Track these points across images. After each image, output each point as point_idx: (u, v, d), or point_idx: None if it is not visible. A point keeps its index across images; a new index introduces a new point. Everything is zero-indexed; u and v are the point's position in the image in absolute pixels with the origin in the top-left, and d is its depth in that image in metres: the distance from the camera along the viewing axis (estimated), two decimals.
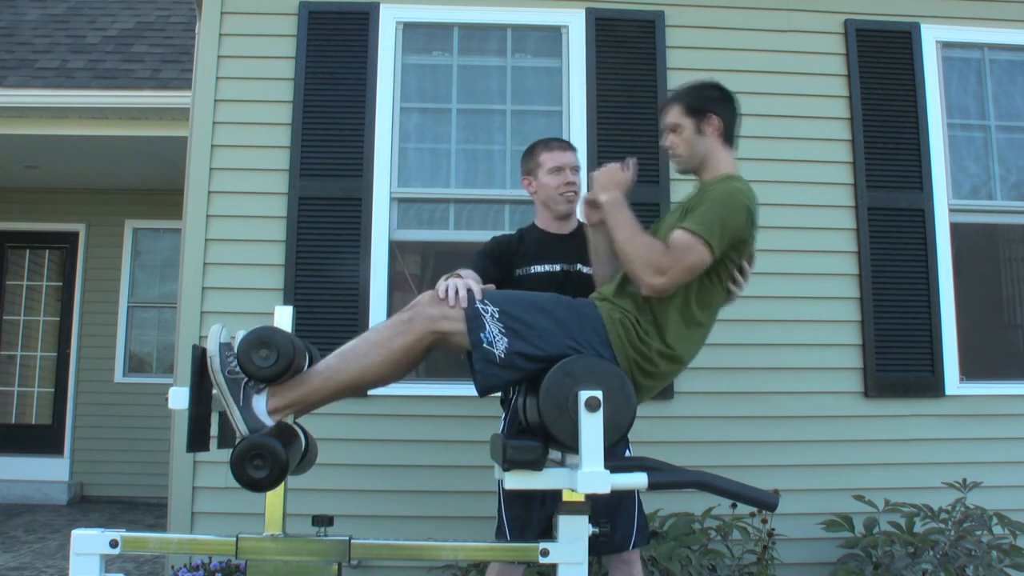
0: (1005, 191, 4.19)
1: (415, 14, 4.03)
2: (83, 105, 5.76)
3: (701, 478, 2.03)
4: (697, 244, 2.13)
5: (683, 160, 2.40)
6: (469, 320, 2.03)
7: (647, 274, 2.12)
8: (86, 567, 1.93)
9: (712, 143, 2.35)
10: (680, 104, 2.38)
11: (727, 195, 2.21)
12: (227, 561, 3.39)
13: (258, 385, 1.98)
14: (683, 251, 2.13)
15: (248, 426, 1.95)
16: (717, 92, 2.41)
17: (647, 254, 2.14)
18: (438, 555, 2.16)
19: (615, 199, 2.27)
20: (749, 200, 2.23)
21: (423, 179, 3.99)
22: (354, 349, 2.06)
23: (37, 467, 6.97)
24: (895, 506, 3.52)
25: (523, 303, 2.10)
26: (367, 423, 3.71)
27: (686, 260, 2.13)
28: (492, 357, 2.02)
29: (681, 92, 2.42)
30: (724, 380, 3.84)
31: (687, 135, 2.36)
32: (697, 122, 2.35)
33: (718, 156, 2.36)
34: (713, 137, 2.35)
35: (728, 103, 2.40)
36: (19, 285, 7.43)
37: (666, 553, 3.07)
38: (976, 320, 4.08)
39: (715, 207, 2.18)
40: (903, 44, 4.14)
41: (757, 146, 4.02)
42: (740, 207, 2.20)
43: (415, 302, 2.10)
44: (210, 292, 3.77)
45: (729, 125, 2.38)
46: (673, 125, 2.38)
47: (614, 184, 2.31)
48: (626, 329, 2.12)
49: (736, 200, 2.20)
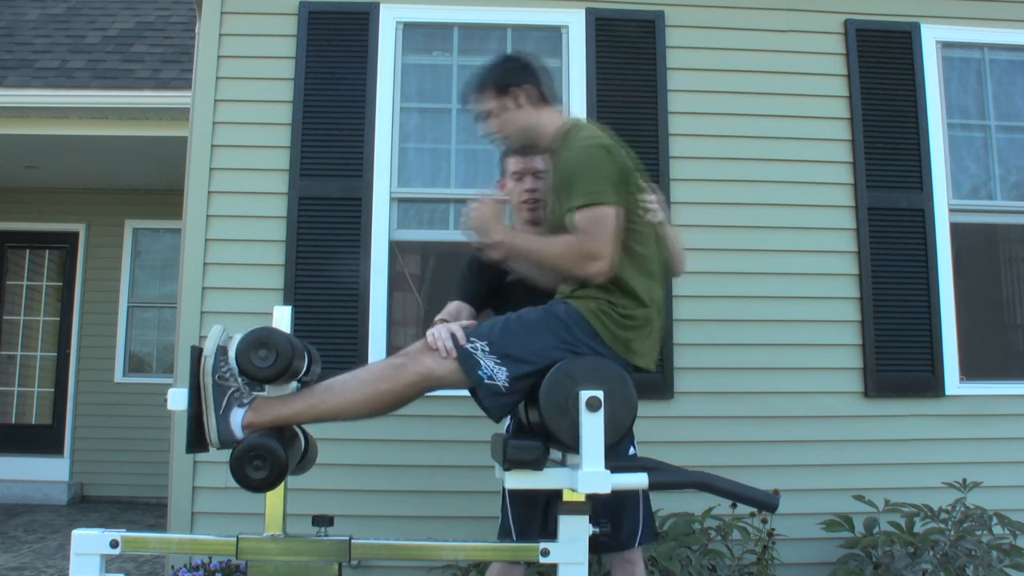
0: (1005, 191, 4.19)
1: (415, 14, 4.04)
2: (83, 105, 5.76)
3: (701, 478, 2.03)
4: (598, 210, 2.10)
5: (513, 139, 2.37)
6: (462, 363, 2.04)
7: (584, 266, 2.11)
8: (86, 567, 1.93)
9: (530, 112, 2.31)
10: (484, 90, 2.34)
11: (581, 153, 2.17)
12: (227, 561, 3.39)
13: (243, 398, 1.98)
14: (595, 225, 2.09)
15: (220, 435, 1.95)
16: (514, 63, 2.38)
17: (570, 251, 2.12)
18: (438, 555, 2.16)
19: (504, 230, 2.25)
20: (600, 140, 2.19)
21: (423, 179, 3.99)
22: (343, 383, 2.05)
23: (37, 467, 6.97)
24: (895, 506, 3.52)
25: (507, 328, 2.10)
26: (367, 423, 3.69)
27: (603, 231, 2.10)
28: (497, 389, 2.03)
29: (482, 78, 2.37)
30: (724, 380, 3.84)
31: (503, 116, 2.32)
32: (507, 100, 2.31)
33: (543, 121, 2.32)
34: (528, 106, 2.31)
35: (529, 68, 2.35)
36: (19, 285, 7.43)
37: (666, 553, 3.07)
38: (976, 320, 4.08)
39: (581, 169, 2.14)
40: (903, 44, 4.14)
41: (757, 146, 4.03)
42: (598, 153, 2.16)
43: (408, 349, 2.11)
44: (210, 292, 3.77)
45: (540, 88, 2.34)
46: (488, 111, 2.35)
47: (492, 219, 2.26)
48: (606, 315, 2.11)
49: (591, 150, 2.16)
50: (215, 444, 1.95)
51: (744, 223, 3.95)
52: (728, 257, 3.92)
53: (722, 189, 3.96)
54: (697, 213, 3.92)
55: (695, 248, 3.74)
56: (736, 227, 3.95)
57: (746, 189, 3.97)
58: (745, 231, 3.94)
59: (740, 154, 4.01)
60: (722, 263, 3.92)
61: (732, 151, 4.00)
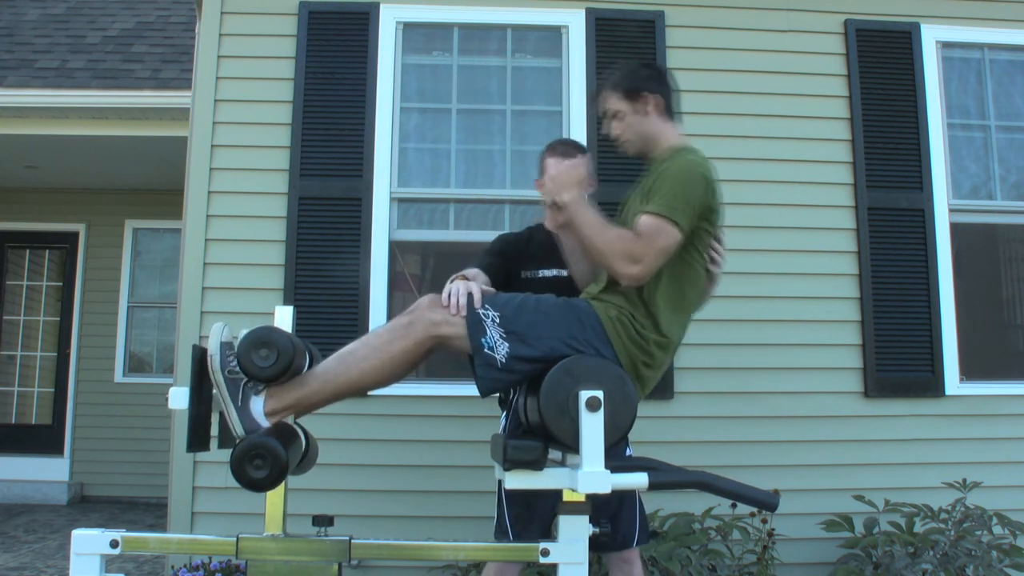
0: (1005, 191, 4.19)
1: (415, 14, 4.04)
2: (83, 105, 5.76)
3: (701, 478, 2.03)
4: (665, 225, 2.11)
5: (631, 144, 2.38)
6: (470, 326, 2.03)
7: (622, 265, 2.11)
8: (86, 567, 1.93)
9: (655, 121, 2.34)
10: (617, 90, 2.36)
11: (682, 170, 2.19)
12: (227, 561, 3.39)
13: (257, 386, 1.98)
14: (653, 235, 2.11)
15: (244, 427, 1.95)
16: (650, 71, 2.39)
17: (618, 245, 2.12)
18: (438, 555, 2.16)
19: (575, 198, 2.24)
20: (705, 170, 2.21)
21: (423, 179, 3.99)
22: (353, 352, 2.06)
23: (37, 467, 6.97)
24: (895, 506, 3.52)
25: (523, 306, 2.10)
26: (367, 423, 3.71)
27: (657, 243, 2.11)
28: (493, 362, 2.02)
29: (615, 78, 2.39)
30: (724, 380, 3.84)
31: (629, 119, 2.34)
32: (636, 104, 2.33)
33: (664, 133, 2.35)
34: (655, 115, 2.34)
35: (663, 79, 2.38)
36: (19, 285, 7.42)
37: (666, 553, 3.07)
38: (976, 320, 4.08)
39: (673, 183, 2.16)
40: (903, 44, 4.14)
41: (757, 146, 4.03)
42: (697, 178, 2.18)
43: (415, 306, 2.10)
44: (210, 292, 3.77)
45: (668, 100, 2.37)
46: (613, 112, 2.36)
47: (572, 183, 2.27)
48: (623, 325, 2.12)
49: (692, 172, 2.19)
50: (241, 436, 1.94)
51: (744, 223, 3.94)
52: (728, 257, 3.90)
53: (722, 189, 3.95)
54: None
55: None
56: (736, 227, 3.93)
57: (746, 189, 3.97)
58: (745, 231, 3.94)
59: (740, 154, 4.01)
60: None
61: (732, 151, 4.00)
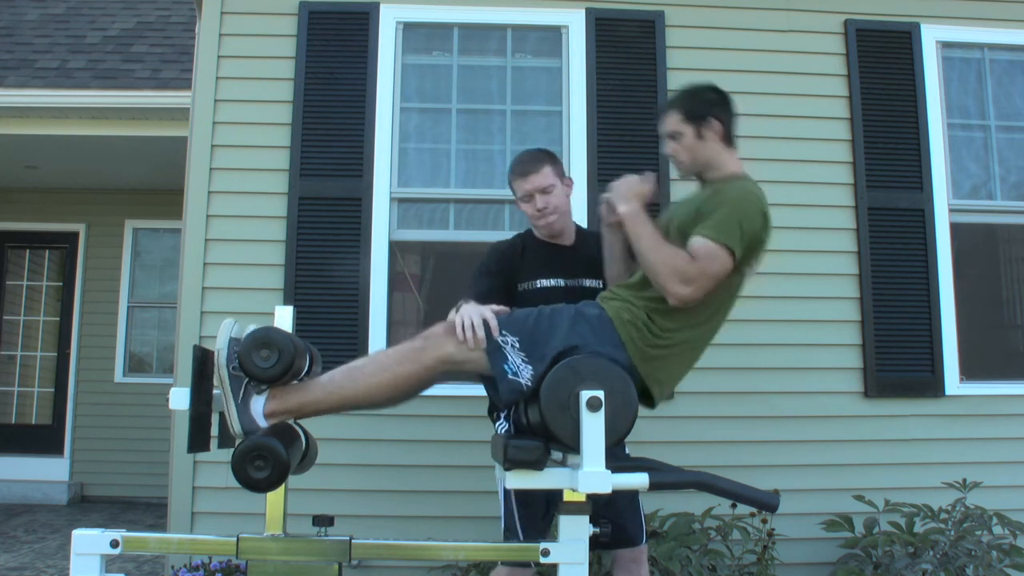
0: (1005, 191, 4.19)
1: (415, 14, 4.03)
2: (83, 105, 5.76)
3: (701, 478, 2.03)
4: (721, 252, 2.12)
5: (686, 167, 2.39)
6: (491, 354, 2.04)
7: (674, 284, 2.11)
8: (86, 567, 1.93)
9: (714, 147, 2.34)
10: (679, 111, 2.36)
11: (742, 199, 2.20)
12: (227, 561, 3.39)
13: (260, 385, 1.98)
14: (708, 260, 2.12)
15: (242, 425, 1.95)
16: (715, 95, 2.39)
17: (672, 264, 2.12)
18: (438, 555, 2.16)
19: (634, 210, 2.25)
20: (764, 204, 2.22)
21: (423, 179, 3.99)
22: (361, 368, 2.06)
23: (37, 467, 6.96)
24: (895, 506, 3.52)
25: (538, 325, 2.09)
26: (367, 423, 3.71)
27: (711, 269, 2.12)
28: (519, 387, 2.03)
29: (679, 98, 2.40)
30: (724, 380, 3.84)
31: (688, 142, 2.34)
32: (697, 128, 2.33)
33: (722, 158, 2.35)
34: (714, 141, 2.34)
35: (726, 105, 2.38)
36: (19, 285, 7.42)
37: (666, 553, 3.07)
38: (976, 320, 4.08)
39: (733, 211, 2.16)
40: (903, 44, 4.14)
41: (757, 146, 4.01)
42: (756, 211, 2.19)
43: (429, 332, 2.10)
44: (210, 292, 3.77)
45: (729, 127, 2.37)
46: (673, 133, 2.37)
47: (633, 195, 2.28)
48: (638, 329, 2.12)
49: (752, 203, 2.20)
50: (238, 434, 1.95)
51: None
52: None
53: None
54: None
55: None
56: None
57: None
58: None
59: (740, 154, 3.99)
60: None
61: None
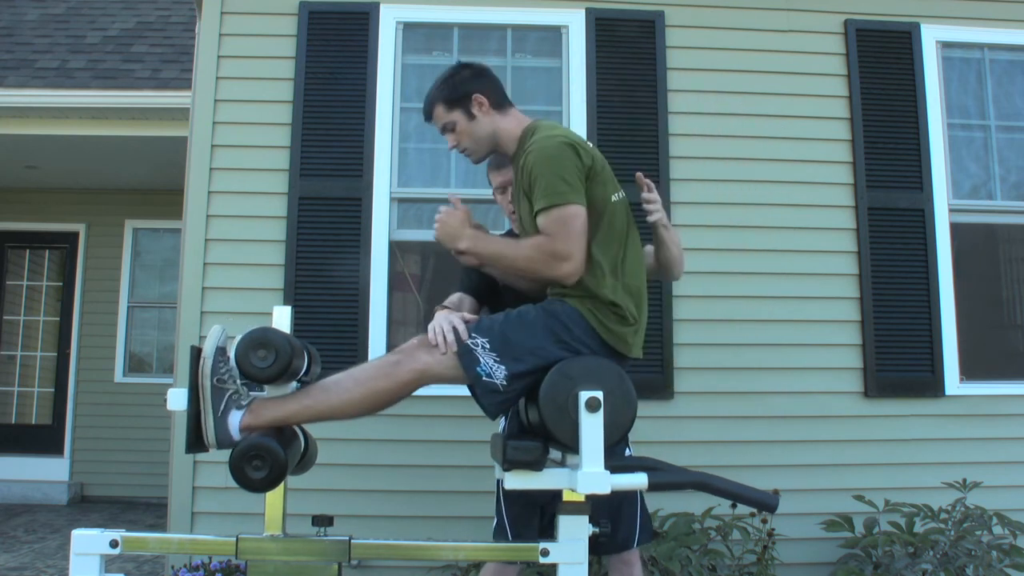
0: (1005, 191, 4.19)
1: (415, 14, 4.03)
2: (83, 105, 5.76)
3: (701, 478, 2.03)
4: (564, 210, 2.05)
5: (474, 151, 2.31)
6: (462, 358, 2.03)
7: (553, 269, 2.07)
8: (86, 567, 1.93)
9: (489, 119, 2.26)
10: (440, 102, 2.28)
11: (541, 150, 2.10)
12: (227, 561, 3.39)
13: (240, 400, 1.99)
14: (560, 226, 2.05)
15: (217, 436, 1.96)
16: (466, 71, 2.31)
17: (538, 254, 2.08)
18: (438, 555, 2.16)
19: (471, 237, 2.19)
20: (562, 135, 2.14)
21: (423, 179, 3.99)
22: (338, 383, 2.05)
23: (37, 467, 6.97)
24: (895, 506, 3.52)
25: (506, 325, 2.09)
26: (367, 423, 3.68)
27: (571, 230, 2.06)
28: (495, 387, 2.03)
29: (435, 91, 2.31)
30: (724, 380, 3.84)
31: (463, 127, 2.27)
32: (464, 109, 2.26)
33: (503, 125, 2.27)
34: (485, 114, 2.26)
35: (481, 75, 2.31)
36: (19, 285, 7.42)
37: (666, 553, 3.07)
38: (976, 320, 4.08)
39: (542, 168, 2.08)
40: (903, 44, 4.14)
41: (757, 146, 4.03)
42: (559, 148, 2.10)
43: (405, 346, 2.10)
44: (210, 292, 3.77)
45: (494, 94, 2.29)
46: (445, 124, 2.29)
47: (458, 227, 2.21)
48: (598, 310, 2.11)
49: (552, 147, 2.10)
50: (212, 445, 1.96)
51: (744, 223, 3.95)
52: (728, 257, 3.92)
53: (722, 189, 3.96)
54: (697, 213, 3.92)
55: (695, 248, 3.74)
56: (736, 227, 3.95)
57: (746, 189, 3.97)
58: (745, 231, 3.94)
59: (740, 154, 4.01)
60: (722, 263, 3.92)
61: (732, 151, 4.00)
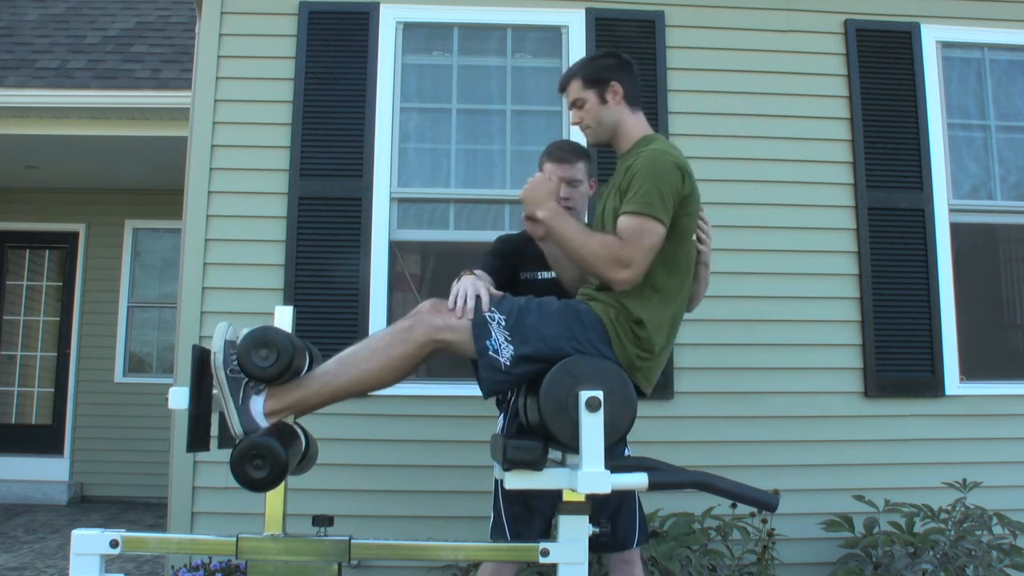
0: (1005, 191, 4.19)
1: (415, 14, 4.03)
2: (83, 105, 5.76)
3: (701, 478, 2.03)
4: (647, 223, 2.11)
5: (594, 132, 2.39)
6: (475, 328, 2.04)
7: (612, 271, 2.11)
8: (86, 567, 1.93)
9: (618, 110, 2.34)
10: (579, 78, 2.36)
11: (652, 162, 2.17)
12: (227, 561, 3.39)
13: (258, 386, 1.98)
14: (637, 235, 2.11)
15: (243, 426, 1.96)
16: (613, 59, 2.39)
17: (605, 252, 2.12)
18: (438, 555, 2.16)
19: (552, 210, 2.23)
20: (675, 156, 2.21)
21: (423, 179, 3.99)
22: (353, 355, 2.06)
23: (37, 467, 6.97)
24: (895, 506, 3.52)
25: (526, 308, 2.10)
26: (367, 423, 3.71)
27: (643, 243, 2.11)
28: (497, 365, 2.03)
29: (577, 67, 2.40)
30: (724, 380, 3.84)
31: (591, 107, 2.35)
32: (599, 92, 2.33)
33: (628, 122, 2.35)
34: (617, 104, 2.34)
35: (625, 67, 2.38)
36: (19, 285, 7.43)
37: (666, 553, 3.07)
38: (976, 320, 4.08)
39: (647, 179, 2.14)
40: (903, 44, 4.14)
41: (757, 146, 4.03)
42: (669, 167, 2.17)
43: (417, 309, 2.10)
44: (210, 292, 3.77)
45: (630, 89, 2.37)
46: (576, 100, 2.37)
47: (545, 196, 2.26)
48: (621, 324, 2.12)
49: (662, 163, 2.17)
50: (239, 435, 1.95)
51: (744, 223, 3.95)
52: (728, 257, 3.91)
53: (722, 189, 3.96)
54: None
55: None
56: (736, 227, 3.95)
57: (746, 189, 3.97)
58: (745, 231, 3.94)
59: (740, 154, 4.01)
60: (722, 263, 3.90)
61: (732, 151, 4.00)
